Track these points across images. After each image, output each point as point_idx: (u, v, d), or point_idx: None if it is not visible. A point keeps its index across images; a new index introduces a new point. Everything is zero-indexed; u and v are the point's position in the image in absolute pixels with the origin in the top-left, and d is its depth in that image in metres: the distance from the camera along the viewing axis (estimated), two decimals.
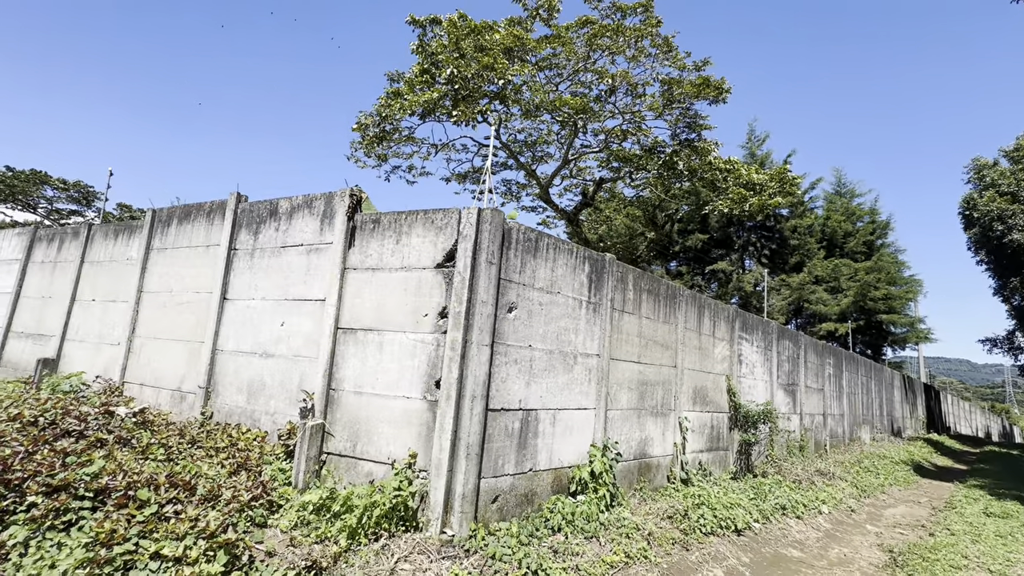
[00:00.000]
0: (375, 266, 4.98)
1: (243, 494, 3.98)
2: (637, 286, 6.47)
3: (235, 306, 5.97)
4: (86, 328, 7.76)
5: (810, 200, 25.92)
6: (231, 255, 6.17)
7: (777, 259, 24.84)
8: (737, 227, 24.32)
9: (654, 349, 6.72)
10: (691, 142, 15.36)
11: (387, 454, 4.52)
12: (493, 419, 4.47)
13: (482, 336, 4.38)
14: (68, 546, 3.08)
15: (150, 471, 4.05)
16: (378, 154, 15.31)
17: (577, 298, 5.48)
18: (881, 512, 8.11)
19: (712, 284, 24.76)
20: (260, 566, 3.31)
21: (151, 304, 6.95)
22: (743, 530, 5.79)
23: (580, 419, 5.41)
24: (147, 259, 7.20)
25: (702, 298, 7.97)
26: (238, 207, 6.30)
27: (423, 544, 3.93)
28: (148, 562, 3.06)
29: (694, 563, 4.77)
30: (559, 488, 5.10)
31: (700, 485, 6.72)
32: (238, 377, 5.71)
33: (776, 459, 9.44)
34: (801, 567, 5.20)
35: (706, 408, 7.79)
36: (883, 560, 5.64)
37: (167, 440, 5.04)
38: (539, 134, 17.07)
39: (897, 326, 25.48)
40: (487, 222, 4.52)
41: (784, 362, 10.77)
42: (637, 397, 6.34)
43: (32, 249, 9.20)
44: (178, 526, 3.35)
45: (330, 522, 3.97)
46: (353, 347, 4.91)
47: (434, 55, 12.40)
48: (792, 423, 10.75)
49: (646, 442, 6.45)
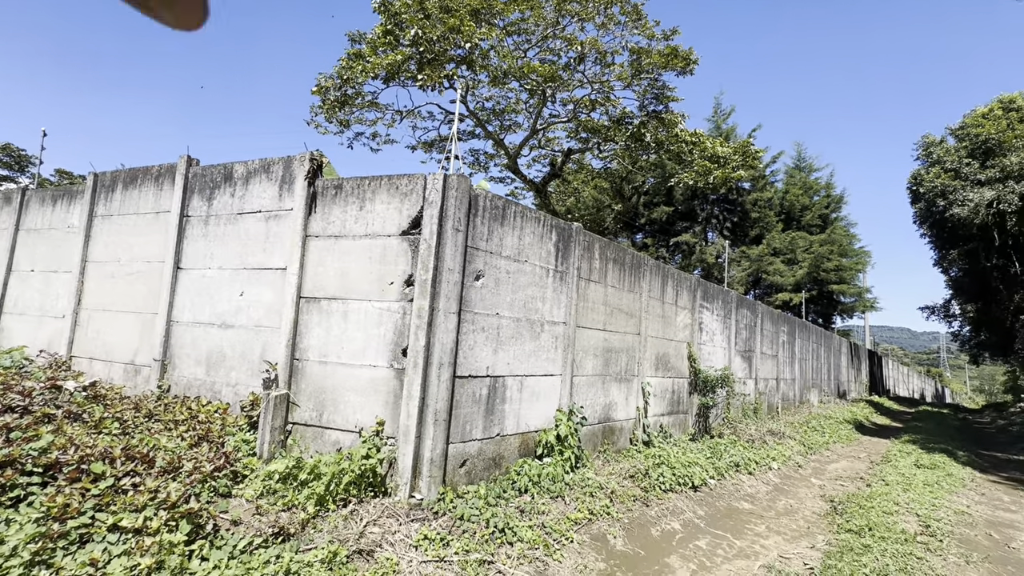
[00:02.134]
0: (338, 233, 4.85)
1: (205, 465, 3.91)
2: (603, 255, 6.55)
3: (190, 275, 5.72)
4: (25, 300, 7.29)
5: (771, 174, 26.65)
6: (183, 222, 5.87)
7: (738, 231, 25.59)
8: (701, 200, 24.82)
9: (619, 317, 6.87)
10: (658, 114, 15.40)
11: (354, 422, 4.51)
12: (461, 386, 4.50)
13: (449, 304, 4.37)
14: (17, 522, 2.96)
15: (104, 445, 3.91)
16: (340, 119, 14.70)
17: (544, 266, 5.51)
18: (825, 467, 8.72)
19: (676, 256, 25.36)
20: (225, 535, 3.29)
21: (98, 274, 6.57)
22: (699, 486, 6.12)
23: (547, 385, 5.52)
24: (91, 226, 6.77)
25: (666, 268, 8.15)
26: (189, 171, 5.96)
27: (392, 508, 3.98)
28: (106, 534, 2.99)
29: (653, 517, 5.02)
30: (526, 451, 5.24)
31: (661, 446, 7.02)
32: (196, 349, 5.52)
33: (732, 421, 9.95)
34: (752, 518, 5.56)
35: (668, 374, 8.08)
36: (825, 509, 6.10)
37: (121, 414, 4.86)
38: (507, 102, 16.74)
39: (846, 296, 26.89)
40: (453, 188, 4.44)
41: (742, 330, 11.23)
42: (602, 364, 6.50)
43: None
44: (137, 498, 3.27)
45: (297, 490, 3.96)
46: (317, 316, 4.81)
47: (397, 15, 11.85)
48: (748, 387, 11.31)
49: (610, 407, 6.66)
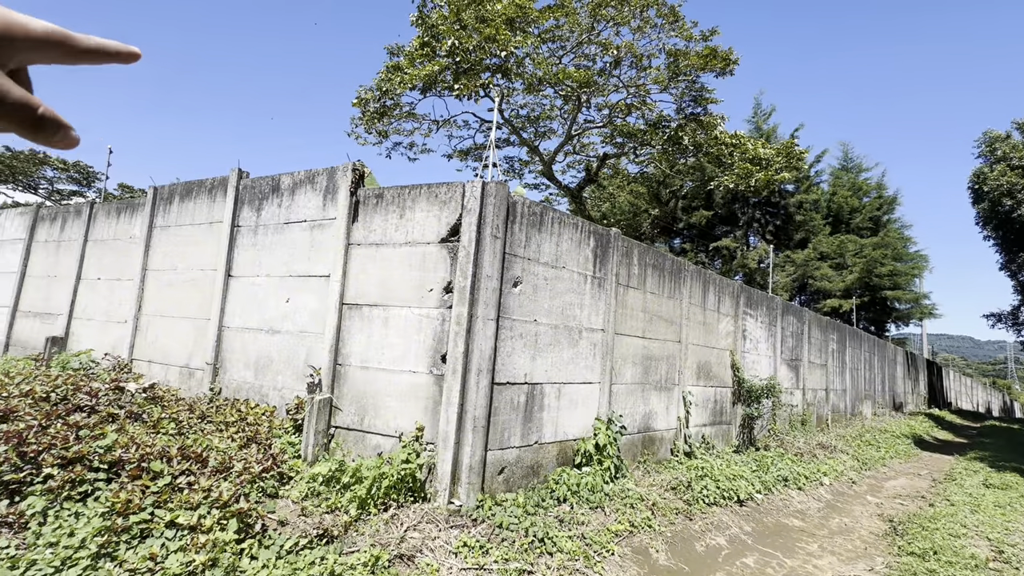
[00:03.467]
0: (379, 241, 4.96)
1: (254, 466, 4.05)
2: (642, 261, 6.43)
3: (240, 283, 5.98)
4: (93, 306, 7.80)
5: (816, 175, 25.59)
6: (234, 232, 6.15)
7: (782, 235, 24.66)
8: (742, 203, 24.07)
9: (659, 324, 6.72)
10: (696, 116, 15.08)
11: (394, 427, 4.57)
12: (499, 392, 4.50)
13: (487, 311, 4.38)
14: (85, 515, 3.15)
15: (162, 444, 4.12)
16: (379, 130, 15.11)
17: (582, 273, 5.45)
18: (882, 484, 8.22)
19: (716, 261, 24.66)
20: (273, 534, 3.39)
21: (156, 282, 6.96)
22: (745, 501, 5.88)
23: (585, 393, 5.45)
24: (150, 237, 7.19)
25: (707, 273, 7.93)
26: (240, 183, 6.25)
27: (431, 514, 4.00)
28: (164, 530, 3.13)
29: (697, 531, 4.85)
30: (564, 460, 5.17)
31: (703, 458, 6.80)
32: (245, 353, 5.75)
33: (778, 433, 9.54)
34: (803, 536, 5.29)
35: (710, 383, 7.83)
36: (883, 529, 5.73)
37: (177, 415, 5.11)
38: (542, 109, 16.78)
39: (901, 302, 25.42)
40: (492, 195, 4.47)
41: (788, 338, 10.78)
42: (641, 371, 6.37)
43: (35, 229, 9.19)
44: (191, 496, 3.42)
45: (340, 493, 4.05)
46: (359, 322, 4.92)
47: (434, 27, 12.11)
48: (795, 398, 10.83)
49: (650, 416, 6.51)
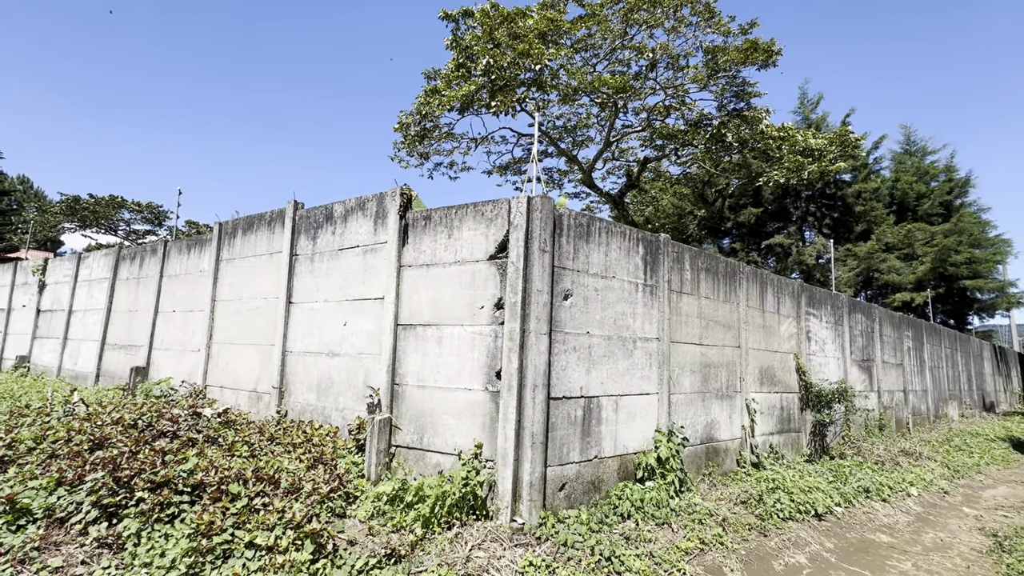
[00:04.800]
0: (429, 262, 5.06)
1: (322, 486, 4.18)
2: (695, 265, 6.24)
3: (300, 309, 6.26)
4: (169, 337, 8.38)
5: (875, 162, 24.07)
6: (293, 261, 6.46)
7: (841, 228, 23.30)
8: (794, 197, 22.98)
9: (716, 330, 6.47)
10: (740, 112, 14.60)
11: (453, 445, 4.61)
12: (555, 407, 4.45)
13: (539, 325, 4.36)
14: (174, 536, 3.35)
15: (238, 467, 4.33)
16: (420, 152, 15.56)
17: (633, 281, 5.35)
18: (979, 494, 7.48)
19: (769, 259, 23.57)
20: (344, 554, 3.47)
21: (224, 312, 7.40)
22: (824, 514, 5.51)
23: (643, 404, 5.30)
24: (218, 269, 7.67)
25: (764, 274, 7.58)
26: (296, 214, 6.57)
27: (494, 532, 3.99)
28: (244, 550, 3.28)
29: (773, 549, 4.58)
30: (626, 475, 5.03)
31: (773, 469, 6.44)
32: (307, 376, 5.99)
33: (854, 439, 8.91)
34: (892, 553, 4.88)
35: (774, 389, 7.44)
36: (986, 545, 5.20)
37: (249, 438, 5.37)
38: (578, 118, 16.77)
39: (984, 292, 23.31)
40: (537, 210, 4.48)
41: (857, 337, 10.10)
42: (700, 380, 6.13)
43: (118, 267, 10.02)
44: (267, 517, 3.56)
45: (404, 512, 4.11)
46: (413, 342, 5.02)
47: (468, 48, 12.40)
48: (869, 401, 10.10)
49: (712, 426, 6.24)
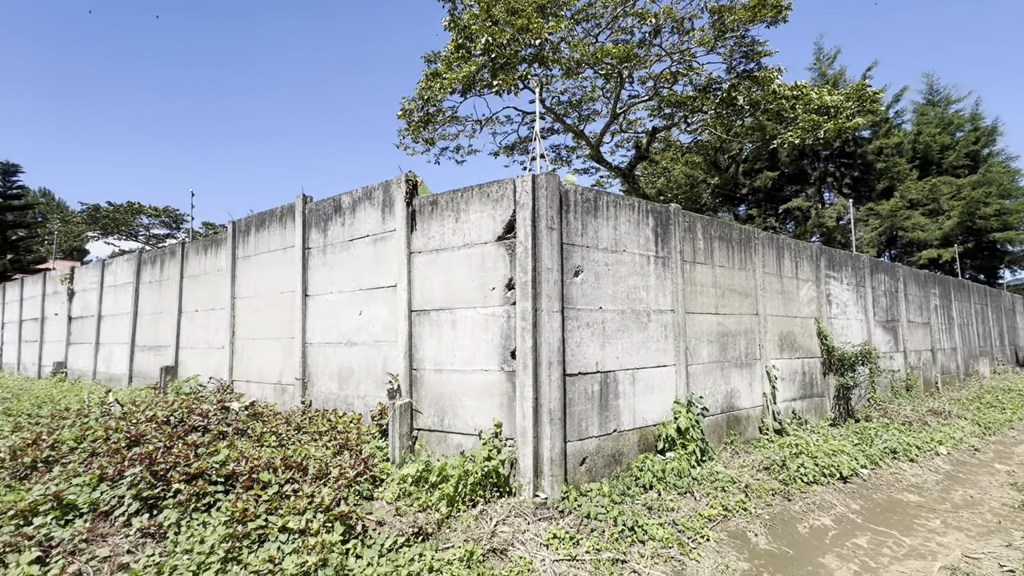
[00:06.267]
0: (438, 247, 5.08)
1: (349, 471, 4.31)
2: (707, 234, 6.14)
3: (316, 301, 6.36)
4: (194, 336, 8.62)
5: (896, 115, 23.17)
6: (306, 254, 6.55)
7: (861, 187, 22.60)
8: (811, 158, 22.31)
9: (732, 298, 6.39)
10: (750, 73, 14.14)
11: (473, 426, 4.68)
12: (572, 384, 4.48)
13: (551, 303, 4.37)
14: (211, 524, 3.50)
15: (267, 456, 4.48)
16: (425, 138, 15.47)
17: (644, 254, 5.29)
18: (1011, 449, 7.34)
19: (788, 224, 23.05)
20: (373, 534, 3.59)
21: (245, 308, 7.57)
22: (849, 477, 5.47)
23: (660, 377, 5.30)
24: (235, 267, 7.81)
25: (780, 239, 7.43)
26: (305, 208, 6.63)
27: (518, 508, 4.07)
28: (278, 535, 3.41)
29: (798, 512, 4.58)
30: (646, 447, 5.07)
31: (796, 434, 6.40)
32: (328, 366, 6.12)
33: (880, 401, 8.78)
34: (921, 511, 4.84)
35: (795, 354, 7.35)
36: (1018, 500, 5.13)
37: (276, 428, 5.54)
38: (583, 92, 16.44)
39: (1015, 244, 22.50)
40: (543, 188, 4.44)
41: (880, 297, 9.88)
42: (718, 349, 6.09)
43: (140, 271, 10.29)
44: (298, 502, 3.69)
45: (429, 492, 4.21)
46: (428, 327, 5.08)
47: (467, 28, 12.19)
48: (895, 362, 9.91)
49: (732, 394, 6.22)
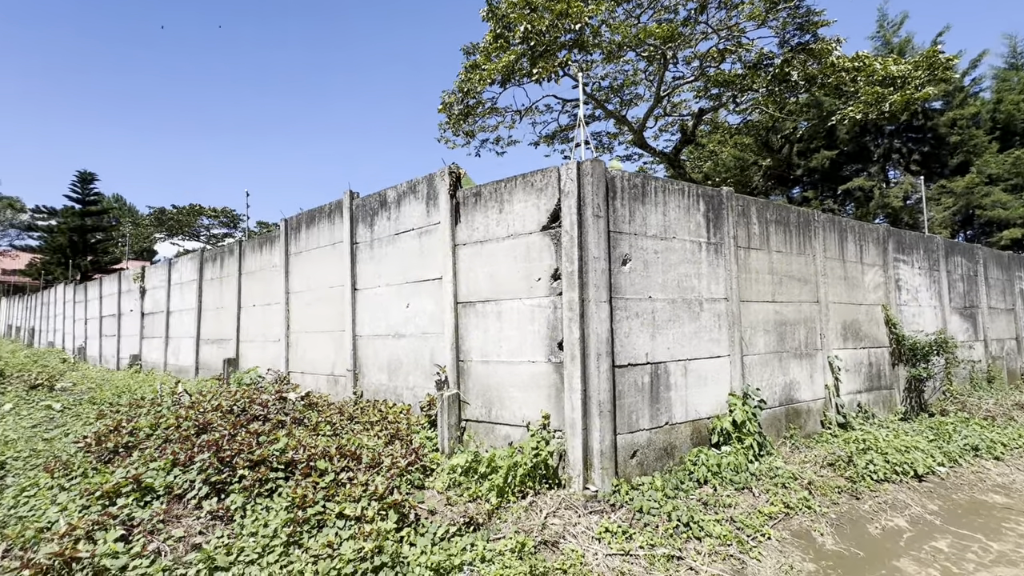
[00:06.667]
0: (482, 238, 5.06)
1: (400, 461, 4.39)
2: (763, 218, 5.82)
3: (365, 295, 6.51)
4: (253, 329, 9.05)
5: (972, 83, 21.19)
6: (354, 249, 6.71)
7: (932, 163, 20.89)
8: (874, 134, 20.80)
9: (790, 285, 6.05)
10: (805, 45, 13.29)
11: (520, 417, 4.67)
12: (621, 375, 4.37)
13: (599, 293, 4.26)
14: (274, 509, 3.65)
15: (323, 445, 4.64)
16: (465, 131, 15.52)
17: (695, 240, 5.08)
18: None
19: (847, 206, 21.64)
20: (425, 523, 3.64)
21: (297, 302, 7.87)
22: (925, 475, 5.09)
23: (713, 368, 5.09)
24: (287, 263, 8.12)
25: (843, 221, 6.96)
26: (352, 204, 6.79)
27: (568, 500, 4.02)
28: (336, 520, 3.53)
29: (868, 512, 4.30)
30: (699, 440, 4.89)
31: (863, 428, 6.02)
32: (377, 358, 6.26)
33: (956, 394, 8.13)
34: (1010, 515, 4.44)
35: (860, 344, 6.90)
36: None
37: (330, 418, 5.73)
38: (625, 76, 15.98)
39: None
40: (588, 175, 4.32)
41: (957, 282, 9.11)
42: (776, 339, 5.79)
43: (203, 269, 10.90)
44: (353, 490, 3.80)
45: (478, 482, 4.23)
46: (474, 319, 5.09)
47: (505, 17, 12.07)
48: (974, 352, 9.14)
49: (791, 386, 5.90)
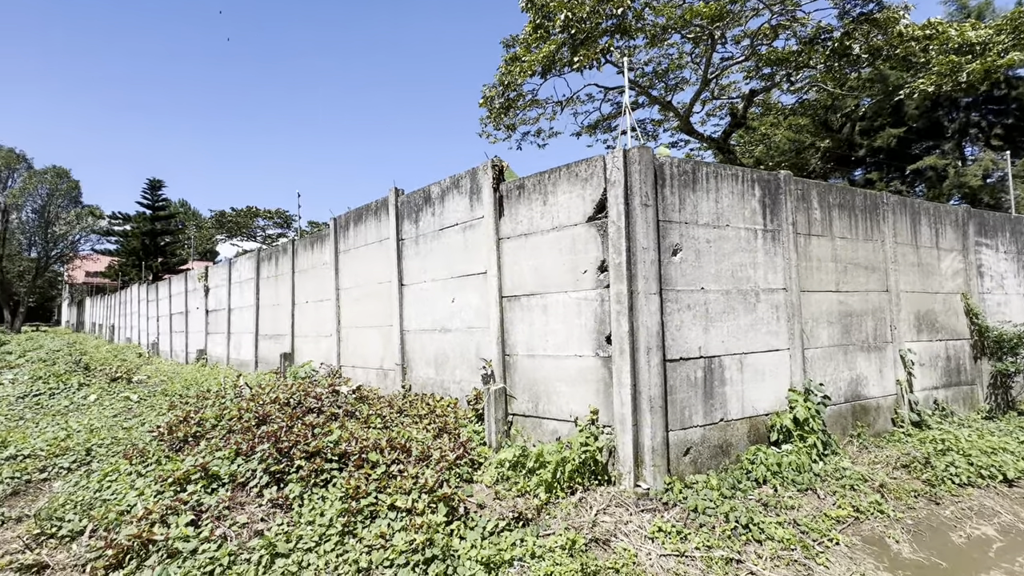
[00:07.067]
0: (527, 231, 5.01)
1: (448, 454, 4.43)
2: (824, 202, 5.45)
3: (411, 290, 6.61)
4: (306, 325, 9.41)
5: None
6: (400, 245, 6.82)
7: (1017, 137, 19.01)
8: (948, 108, 19.16)
9: (856, 273, 5.65)
10: (868, 15, 12.34)
11: (568, 412, 4.60)
12: (672, 369, 4.22)
13: (648, 284, 4.12)
14: (329, 499, 3.77)
15: (374, 437, 4.75)
16: (506, 124, 15.47)
17: (750, 228, 4.82)
18: None
19: (917, 187, 20.08)
20: (475, 516, 3.65)
21: (347, 298, 8.10)
22: (1016, 480, 4.64)
23: (771, 362, 4.83)
24: (337, 261, 8.38)
25: (915, 203, 6.42)
26: (397, 200, 6.89)
27: (618, 497, 3.93)
28: (387, 512, 3.60)
29: (949, 519, 3.96)
30: (757, 438, 4.66)
31: (941, 427, 5.56)
32: (424, 352, 6.35)
33: None
34: None
35: (936, 336, 6.36)
36: None
37: (380, 411, 5.86)
38: (669, 60, 15.41)
39: None
40: (635, 162, 4.17)
41: None
42: (840, 331, 5.43)
43: (259, 268, 11.44)
44: (403, 483, 3.86)
45: (526, 477, 4.21)
46: (519, 313, 5.05)
47: (544, 7, 11.89)
48: None
49: (858, 382, 5.52)
